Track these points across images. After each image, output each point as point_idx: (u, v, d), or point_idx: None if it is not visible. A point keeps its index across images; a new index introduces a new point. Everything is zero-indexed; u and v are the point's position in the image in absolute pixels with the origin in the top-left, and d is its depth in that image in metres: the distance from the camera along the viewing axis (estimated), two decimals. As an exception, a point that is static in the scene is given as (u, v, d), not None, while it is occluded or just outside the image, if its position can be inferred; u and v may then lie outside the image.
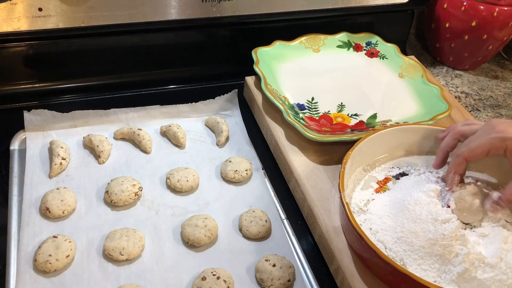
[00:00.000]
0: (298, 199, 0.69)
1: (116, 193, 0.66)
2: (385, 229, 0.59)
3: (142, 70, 0.89)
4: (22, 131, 0.75)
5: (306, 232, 0.67)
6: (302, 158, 0.72)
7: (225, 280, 0.57)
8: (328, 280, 0.61)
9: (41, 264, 0.57)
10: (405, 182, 0.66)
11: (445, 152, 0.64)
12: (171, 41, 0.88)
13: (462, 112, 0.85)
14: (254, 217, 0.65)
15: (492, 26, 0.96)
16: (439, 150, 0.65)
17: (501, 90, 1.02)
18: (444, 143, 0.64)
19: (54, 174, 0.69)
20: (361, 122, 0.79)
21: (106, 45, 0.84)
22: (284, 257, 0.61)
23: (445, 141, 0.64)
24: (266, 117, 0.79)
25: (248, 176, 0.72)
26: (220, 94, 0.84)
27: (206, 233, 0.62)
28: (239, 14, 0.85)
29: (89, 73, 0.86)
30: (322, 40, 0.93)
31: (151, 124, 0.80)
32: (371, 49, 0.95)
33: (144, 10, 0.79)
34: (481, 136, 0.59)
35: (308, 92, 0.84)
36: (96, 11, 0.76)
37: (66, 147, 0.72)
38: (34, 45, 0.79)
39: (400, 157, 0.72)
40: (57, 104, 0.81)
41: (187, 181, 0.69)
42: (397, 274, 0.51)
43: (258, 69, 0.82)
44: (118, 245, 0.60)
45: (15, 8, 0.72)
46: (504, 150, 0.57)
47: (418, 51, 1.12)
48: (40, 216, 0.64)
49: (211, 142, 0.79)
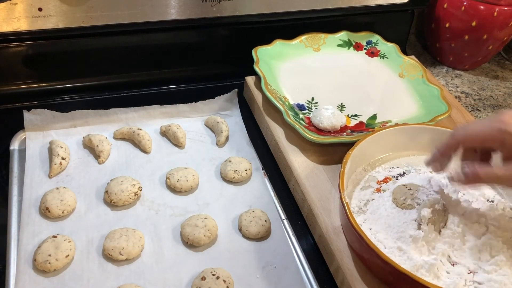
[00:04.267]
0: (298, 199, 0.69)
1: (115, 193, 0.66)
2: (385, 229, 0.59)
3: (142, 70, 0.89)
4: (22, 131, 0.75)
5: (306, 232, 0.67)
6: (302, 158, 0.72)
7: (225, 280, 0.57)
8: (328, 280, 0.61)
9: (40, 264, 0.57)
10: (405, 182, 0.66)
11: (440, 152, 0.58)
12: (171, 41, 0.88)
13: (462, 112, 0.85)
14: (254, 217, 0.65)
15: (492, 26, 0.96)
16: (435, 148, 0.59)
17: (501, 90, 1.02)
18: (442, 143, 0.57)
19: (54, 174, 0.69)
20: (361, 123, 0.79)
21: (106, 45, 0.84)
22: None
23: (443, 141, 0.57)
24: (266, 117, 0.79)
25: (248, 176, 0.72)
26: (220, 94, 0.84)
27: (205, 233, 0.62)
28: (239, 14, 0.85)
29: (89, 73, 0.86)
30: (322, 39, 0.93)
31: (151, 124, 0.80)
32: (371, 48, 0.94)
33: (144, 10, 0.79)
34: (482, 121, 0.53)
35: (308, 92, 0.84)
36: (96, 11, 0.76)
37: (66, 147, 0.72)
38: (34, 45, 0.79)
39: (400, 157, 0.72)
40: (57, 104, 0.81)
41: (186, 181, 0.69)
42: (397, 274, 0.51)
43: (258, 68, 0.82)
44: (118, 245, 0.60)
45: (15, 8, 0.72)
46: (501, 143, 0.51)
47: (418, 51, 1.12)
48: (40, 216, 0.64)
49: (211, 142, 0.79)
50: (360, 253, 0.57)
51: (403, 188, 0.62)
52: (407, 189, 0.62)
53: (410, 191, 0.61)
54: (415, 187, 0.62)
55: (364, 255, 0.56)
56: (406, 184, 0.63)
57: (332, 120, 0.75)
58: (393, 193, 0.62)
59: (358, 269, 0.57)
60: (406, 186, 0.62)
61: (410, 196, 0.60)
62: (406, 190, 0.62)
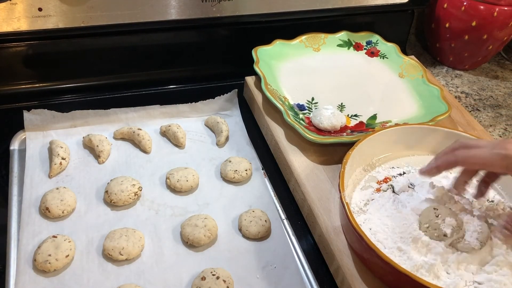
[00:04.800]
0: (298, 199, 0.69)
1: (115, 193, 0.66)
2: (385, 230, 0.59)
3: (142, 70, 0.89)
4: (22, 131, 0.75)
5: (306, 232, 0.67)
6: (302, 158, 0.72)
7: (225, 280, 0.57)
8: (328, 280, 0.61)
9: (40, 264, 0.57)
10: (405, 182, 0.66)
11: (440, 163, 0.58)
12: (171, 41, 0.88)
13: (462, 112, 0.85)
14: (254, 217, 0.65)
15: (492, 26, 0.96)
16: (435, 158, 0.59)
17: (501, 90, 1.02)
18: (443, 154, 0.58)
19: (54, 174, 0.69)
20: (361, 123, 0.79)
21: (106, 45, 0.84)
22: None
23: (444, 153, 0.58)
24: (266, 117, 0.79)
25: (248, 176, 0.72)
26: (220, 94, 0.84)
27: (205, 233, 0.62)
28: (239, 14, 0.85)
29: (89, 73, 0.86)
30: (322, 39, 0.93)
31: (151, 124, 0.80)
32: (371, 48, 0.94)
33: (144, 10, 0.79)
34: (485, 147, 0.54)
35: (308, 92, 0.84)
36: (96, 11, 0.76)
37: (66, 147, 0.72)
38: (34, 45, 0.79)
39: (400, 157, 0.72)
40: (57, 104, 0.81)
41: (186, 181, 0.69)
42: (397, 274, 0.51)
43: (258, 68, 0.82)
44: (118, 245, 0.60)
45: (15, 8, 0.72)
46: (506, 169, 0.52)
47: (418, 51, 1.12)
48: (40, 216, 0.64)
49: (211, 142, 0.79)
50: (360, 253, 0.57)
51: (431, 213, 0.58)
52: (435, 216, 0.58)
53: (436, 219, 0.57)
54: (445, 212, 0.58)
55: (364, 255, 0.56)
56: (437, 208, 0.59)
57: (332, 120, 0.75)
58: (420, 215, 0.59)
59: (358, 269, 0.57)
60: (436, 212, 0.58)
61: (435, 224, 0.57)
62: (433, 216, 0.58)
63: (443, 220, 0.57)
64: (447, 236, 0.56)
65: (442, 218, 0.57)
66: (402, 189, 0.65)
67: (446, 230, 0.56)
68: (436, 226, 0.57)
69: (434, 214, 0.58)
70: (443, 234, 0.56)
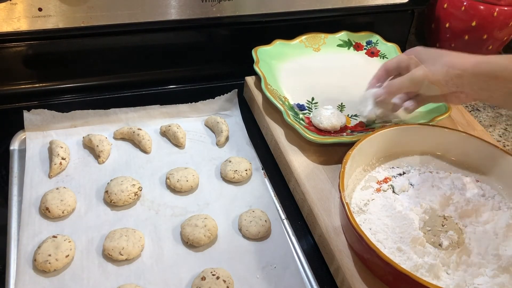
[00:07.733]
0: (298, 199, 0.69)
1: (115, 193, 0.66)
2: (385, 229, 0.59)
3: (142, 70, 0.89)
4: (22, 131, 0.75)
5: (306, 232, 0.67)
6: (302, 158, 0.72)
7: (225, 280, 0.57)
8: (328, 280, 0.61)
9: (40, 264, 0.57)
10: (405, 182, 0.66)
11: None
12: (171, 41, 0.88)
13: (462, 112, 0.85)
14: (254, 217, 0.65)
15: (492, 26, 0.96)
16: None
17: (501, 90, 1.02)
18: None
19: (54, 174, 0.69)
20: (361, 123, 0.79)
21: (106, 45, 0.84)
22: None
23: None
24: (266, 117, 0.79)
25: (248, 176, 0.72)
26: (220, 94, 0.84)
27: (205, 233, 0.62)
28: (239, 14, 0.86)
29: (89, 73, 0.86)
30: (323, 39, 0.93)
31: (151, 124, 0.80)
32: (371, 48, 0.94)
33: (144, 10, 0.79)
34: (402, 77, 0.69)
35: (308, 92, 0.84)
36: (96, 11, 0.76)
37: (66, 147, 0.72)
38: (34, 45, 0.79)
39: (400, 157, 0.72)
40: (57, 104, 0.81)
41: (186, 181, 0.69)
42: (397, 274, 0.51)
43: (258, 68, 0.82)
44: (118, 245, 0.60)
45: (15, 8, 0.72)
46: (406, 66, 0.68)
47: (418, 51, 1.12)
48: (40, 216, 0.64)
49: (211, 142, 0.79)
50: (360, 253, 0.57)
51: (439, 220, 0.60)
52: (441, 224, 0.59)
53: (441, 227, 0.59)
54: (452, 226, 0.59)
55: (364, 255, 0.56)
56: (447, 219, 0.60)
57: (332, 120, 0.75)
58: (424, 221, 0.60)
59: (358, 269, 0.57)
60: (443, 222, 0.60)
61: (437, 232, 0.58)
62: (439, 224, 0.59)
63: (446, 232, 0.58)
64: (441, 247, 0.57)
65: (446, 230, 0.58)
66: (402, 189, 0.65)
67: (444, 242, 0.58)
68: (437, 234, 0.57)
69: (441, 222, 0.59)
70: (439, 243, 0.58)
